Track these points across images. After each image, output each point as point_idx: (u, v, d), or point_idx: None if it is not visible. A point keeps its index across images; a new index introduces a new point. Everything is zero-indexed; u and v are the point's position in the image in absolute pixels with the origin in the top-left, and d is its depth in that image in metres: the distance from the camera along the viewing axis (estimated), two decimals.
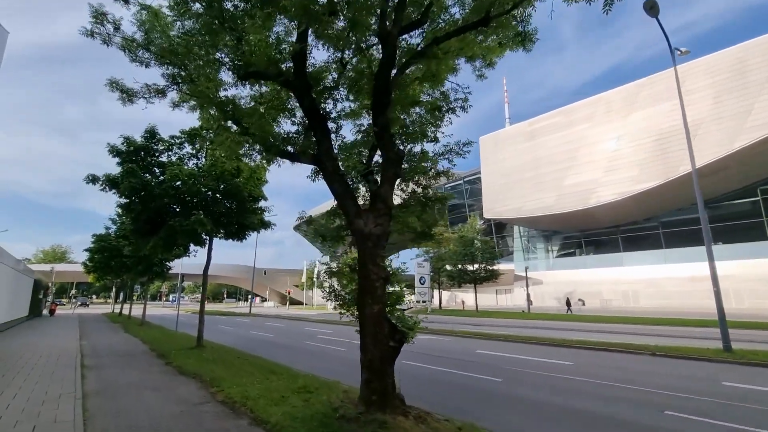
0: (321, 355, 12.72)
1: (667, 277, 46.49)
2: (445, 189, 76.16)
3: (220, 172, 11.67)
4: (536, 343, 14.63)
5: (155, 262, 22.35)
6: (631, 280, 49.48)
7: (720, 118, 43.06)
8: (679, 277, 44.96)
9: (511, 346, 14.14)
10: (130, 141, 12.11)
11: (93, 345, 13.91)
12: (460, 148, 5.81)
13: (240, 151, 7.44)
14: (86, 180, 11.63)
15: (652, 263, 48.58)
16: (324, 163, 5.47)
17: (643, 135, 47.34)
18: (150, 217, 11.99)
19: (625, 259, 51.68)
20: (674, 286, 45.81)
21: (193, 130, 12.46)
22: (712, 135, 41.37)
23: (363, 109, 6.04)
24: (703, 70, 43.78)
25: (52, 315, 36.28)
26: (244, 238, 13.38)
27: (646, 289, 48.37)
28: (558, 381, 8.66)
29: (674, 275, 45.79)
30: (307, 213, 7.62)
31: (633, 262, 50.46)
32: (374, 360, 4.89)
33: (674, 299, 44.95)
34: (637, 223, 52.32)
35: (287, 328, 22.83)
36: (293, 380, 7.71)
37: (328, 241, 6.51)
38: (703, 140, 42.15)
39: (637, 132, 48.20)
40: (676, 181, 42.94)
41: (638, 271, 49.16)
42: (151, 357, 11.22)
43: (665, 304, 44.91)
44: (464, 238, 41.19)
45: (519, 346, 14.23)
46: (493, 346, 14.14)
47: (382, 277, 5.15)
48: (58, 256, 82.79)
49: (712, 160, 41.04)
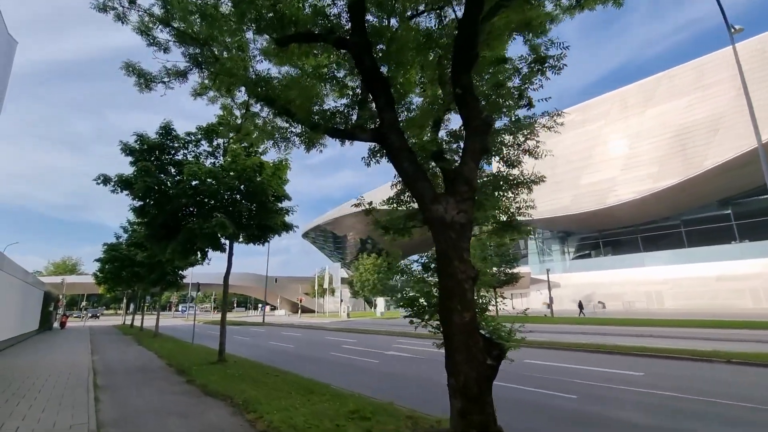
0: (353, 368, 11.58)
1: (692, 277, 44.76)
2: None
3: (241, 169, 10.67)
4: (588, 350, 13.33)
5: (168, 270, 21.44)
6: (654, 281, 47.76)
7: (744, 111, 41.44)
8: (705, 276, 43.29)
9: (564, 355, 12.88)
10: (143, 138, 11.17)
11: (106, 361, 12.90)
12: (550, 119, 4.70)
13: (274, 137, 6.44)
14: (97, 180, 10.69)
15: (675, 263, 46.83)
16: (388, 137, 4.43)
17: (662, 131, 45.96)
18: (166, 220, 11.02)
19: (646, 260, 49.95)
20: (700, 286, 44.10)
21: (210, 126, 11.52)
22: (735, 128, 39.91)
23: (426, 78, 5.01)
24: (725, 61, 42.43)
25: (63, 328, 35.51)
26: (267, 241, 12.35)
27: (671, 290, 46.64)
28: (643, 397, 7.44)
29: (699, 275, 44.08)
30: (313, 221, 6.59)
31: (654, 262, 48.75)
32: (470, 383, 3.79)
33: (700, 300, 43.28)
34: (657, 222, 50.70)
35: (307, 338, 21.69)
36: (340, 402, 6.59)
37: (392, 233, 5.45)
38: (726, 134, 40.71)
39: (655, 128, 46.83)
40: (699, 177, 41.40)
41: (661, 272, 47.42)
42: (169, 374, 10.16)
43: (691, 304, 43.23)
44: (481, 241, 39.82)
45: (572, 354, 12.96)
46: (542, 355, 12.87)
47: (471, 276, 4.06)
48: (69, 268, 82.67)
49: (737, 154, 39.48)
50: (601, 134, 52.31)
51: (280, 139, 6.06)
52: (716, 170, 39.54)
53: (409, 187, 4.47)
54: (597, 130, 52.73)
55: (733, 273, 42.49)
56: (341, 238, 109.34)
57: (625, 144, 49.00)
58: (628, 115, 49.64)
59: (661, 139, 45.87)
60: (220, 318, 11.79)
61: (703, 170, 40.03)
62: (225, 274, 11.85)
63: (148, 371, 10.57)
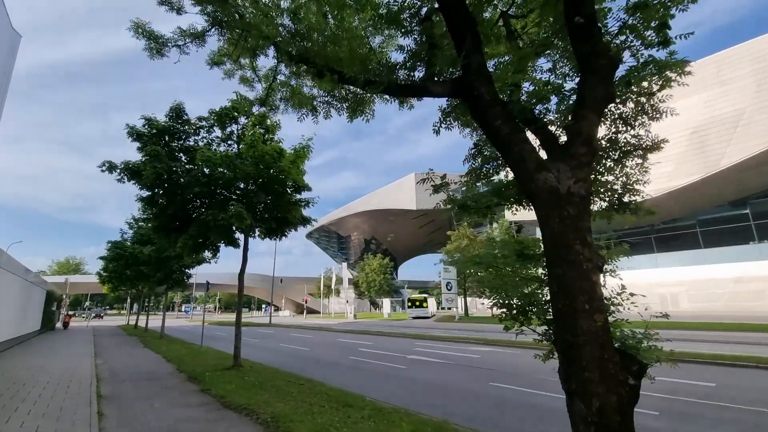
0: (380, 374, 10.54)
1: (709, 278, 43.59)
2: (453, 194, 73.79)
3: (259, 156, 9.66)
4: None
5: (175, 269, 20.49)
6: (669, 283, 46.57)
7: (764, 107, 40.35)
8: (723, 278, 42.14)
9: None
10: (152, 122, 10.18)
11: (110, 365, 11.91)
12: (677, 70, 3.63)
13: (311, 103, 5.44)
14: (102, 168, 9.71)
15: (691, 264, 45.63)
16: (476, 88, 3.43)
17: (678, 128, 44.74)
18: (176, 211, 10.03)
19: (660, 261, 48.70)
20: (718, 288, 42.91)
21: (223, 110, 10.47)
22: (756, 125, 38.71)
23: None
24: (744, 56, 41.26)
25: (66, 328, 34.67)
26: (284, 235, 11.33)
27: (687, 292, 45.46)
28: (731, 413, 6.39)
29: (717, 276, 42.92)
30: (318, 222, 5.58)
31: (669, 263, 47.54)
32: (608, 410, 2.77)
33: (718, 302, 42.13)
34: (672, 222, 49.51)
35: (319, 340, 20.67)
36: (386, 420, 5.57)
37: (472, 212, 4.44)
38: (745, 131, 39.50)
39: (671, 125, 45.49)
40: (717, 175, 40.21)
41: (676, 273, 46.25)
42: (180, 381, 9.15)
43: (709, 307, 42.05)
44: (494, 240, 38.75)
45: None
46: None
47: (599, 265, 3.06)
48: (73, 268, 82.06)
49: (758, 152, 38.29)
50: None
51: (321, 104, 5.06)
52: (734, 169, 38.46)
53: (504, 151, 3.45)
54: None
55: (752, 274, 41.33)
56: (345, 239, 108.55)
57: None
58: None
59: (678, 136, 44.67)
60: (235, 319, 10.78)
61: (721, 169, 38.90)
62: (240, 272, 10.83)
63: (156, 378, 9.57)
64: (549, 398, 7.40)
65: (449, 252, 46.62)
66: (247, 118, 10.91)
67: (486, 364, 11.63)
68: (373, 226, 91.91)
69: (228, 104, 10.54)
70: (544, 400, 7.36)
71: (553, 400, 7.27)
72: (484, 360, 12.35)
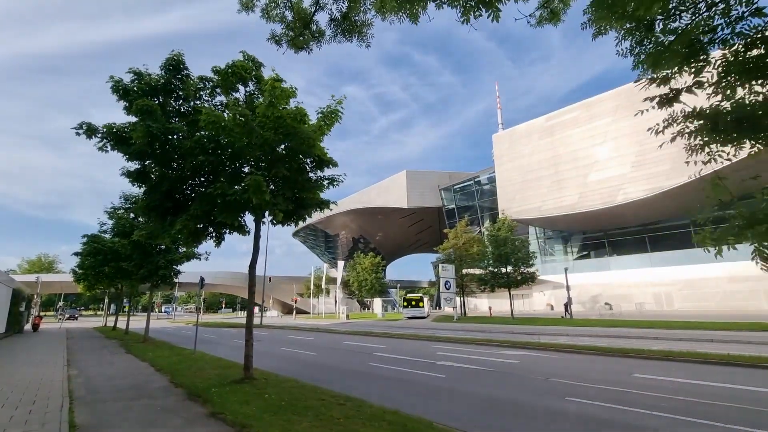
0: (417, 386, 8.85)
1: (703, 277, 43.73)
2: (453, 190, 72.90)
3: (279, 118, 7.75)
4: (678, 360, 10.92)
5: (161, 264, 18.31)
6: (663, 282, 46.63)
7: None
8: (717, 277, 42.27)
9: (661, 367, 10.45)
10: (142, 75, 8.20)
11: (87, 377, 9.86)
12: None
13: None
14: (78, 130, 7.68)
15: (685, 263, 45.74)
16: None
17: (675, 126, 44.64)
18: (172, 187, 8.12)
19: (654, 260, 48.70)
20: (711, 288, 43.07)
21: (233, 65, 8.40)
22: None
23: None
24: None
25: (36, 330, 31.75)
26: (302, 220, 9.50)
27: (681, 291, 45.57)
28: None
29: (711, 275, 43.09)
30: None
31: (663, 262, 47.55)
32: None
33: (712, 301, 42.27)
34: (665, 222, 49.56)
35: (323, 343, 18.82)
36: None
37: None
38: None
39: None
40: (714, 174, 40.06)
41: (670, 272, 46.31)
42: (179, 399, 7.26)
43: (703, 306, 42.14)
44: (497, 238, 37.48)
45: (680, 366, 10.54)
46: (647, 367, 10.41)
47: None
48: (45, 266, 77.38)
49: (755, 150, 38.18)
50: (609, 130, 50.77)
51: None
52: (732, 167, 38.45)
53: None
54: (605, 126, 51.18)
55: (746, 274, 41.64)
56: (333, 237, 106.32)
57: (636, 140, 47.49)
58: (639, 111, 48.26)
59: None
60: (246, 322, 8.90)
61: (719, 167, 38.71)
62: (251, 262, 8.94)
63: (148, 395, 7.64)
64: (661, 419, 5.89)
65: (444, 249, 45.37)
66: (258, 83, 9.04)
67: (532, 371, 10.10)
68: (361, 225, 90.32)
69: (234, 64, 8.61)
70: (659, 422, 5.83)
71: (673, 422, 5.76)
72: (528, 366, 10.82)
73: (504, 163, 58.22)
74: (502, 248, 36.41)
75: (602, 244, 56.06)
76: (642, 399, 7.09)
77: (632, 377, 9.08)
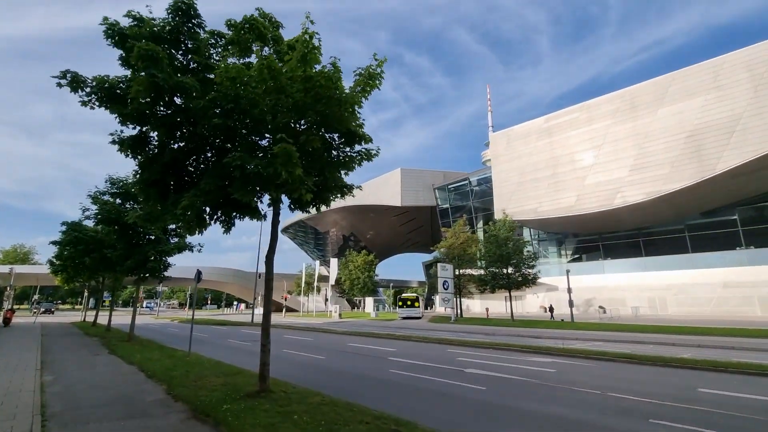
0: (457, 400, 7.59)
1: (697, 283, 43.85)
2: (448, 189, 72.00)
3: (312, 77, 6.29)
4: (752, 372, 9.95)
5: (150, 255, 16.63)
6: (657, 287, 46.65)
7: (760, 113, 40.61)
8: (710, 282, 42.39)
9: (734, 380, 9.44)
10: (144, 21, 6.74)
11: (65, 384, 8.31)
12: None
13: None
14: (60, 80, 6.10)
15: (679, 268, 45.82)
16: None
17: (674, 131, 44.41)
18: (176, 158, 6.67)
19: (648, 264, 48.67)
20: (705, 293, 43.17)
21: (250, 20, 6.85)
22: (751, 131, 38.74)
23: None
24: (741, 62, 41.44)
25: (7, 325, 29.47)
26: (325, 204, 8.12)
27: (675, 296, 45.61)
28: None
29: (704, 281, 43.24)
30: (294, 216, 3.04)
31: (657, 267, 47.57)
32: None
33: (706, 306, 42.32)
34: (660, 226, 49.59)
35: (325, 345, 17.43)
36: None
37: None
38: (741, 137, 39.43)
39: (667, 128, 45.32)
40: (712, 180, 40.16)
41: (664, 277, 46.37)
42: (182, 419, 5.85)
43: (696, 311, 42.16)
44: (497, 238, 36.58)
45: (739, 378, 9.55)
46: (703, 380, 9.39)
47: None
48: (21, 257, 73.61)
49: (753, 157, 38.40)
50: (608, 133, 50.49)
51: None
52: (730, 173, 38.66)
53: None
54: (604, 129, 50.88)
55: (740, 280, 41.88)
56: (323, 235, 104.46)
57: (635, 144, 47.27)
58: (638, 115, 47.97)
59: (674, 140, 44.34)
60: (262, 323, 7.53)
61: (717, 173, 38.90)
62: (268, 252, 7.54)
63: (141, 413, 6.19)
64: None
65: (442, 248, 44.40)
66: (277, 45, 7.61)
67: (577, 382, 8.99)
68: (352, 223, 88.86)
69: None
70: None
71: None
72: (569, 377, 9.69)
73: (501, 164, 57.63)
74: (503, 249, 35.53)
75: (596, 248, 55.94)
76: (732, 421, 6.02)
77: (699, 392, 8.02)
